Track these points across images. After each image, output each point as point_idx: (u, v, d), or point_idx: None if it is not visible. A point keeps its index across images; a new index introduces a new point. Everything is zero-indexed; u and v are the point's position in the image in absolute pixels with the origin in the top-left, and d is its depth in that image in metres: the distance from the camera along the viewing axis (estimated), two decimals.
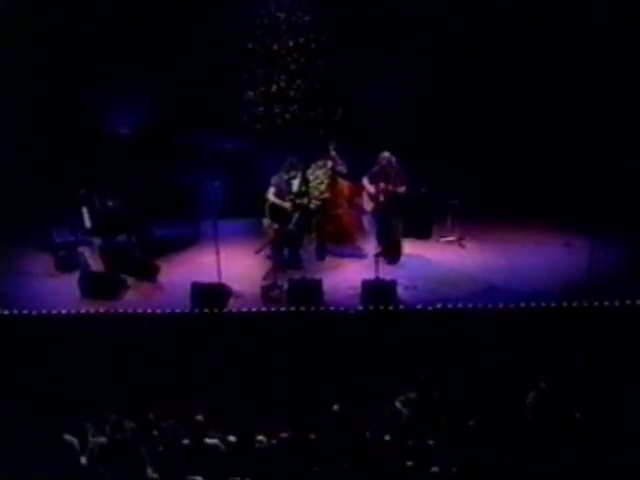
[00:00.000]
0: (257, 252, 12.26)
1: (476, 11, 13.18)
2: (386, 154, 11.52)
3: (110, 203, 12.43)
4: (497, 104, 13.30)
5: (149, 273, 11.67)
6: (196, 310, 10.66)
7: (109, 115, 13.67)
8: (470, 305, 10.41)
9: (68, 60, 13.30)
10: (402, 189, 11.52)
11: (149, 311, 10.62)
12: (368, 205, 11.89)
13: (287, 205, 11.46)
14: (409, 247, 12.24)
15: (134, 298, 11.20)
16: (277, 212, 11.45)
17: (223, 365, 10.09)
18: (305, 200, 11.75)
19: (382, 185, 11.52)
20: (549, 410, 8.34)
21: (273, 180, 11.48)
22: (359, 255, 12.23)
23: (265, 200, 11.52)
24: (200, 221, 12.91)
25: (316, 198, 12.04)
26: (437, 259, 12.15)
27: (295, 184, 11.72)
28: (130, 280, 11.54)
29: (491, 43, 13.21)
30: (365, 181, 11.77)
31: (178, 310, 10.64)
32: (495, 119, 13.31)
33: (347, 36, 13.40)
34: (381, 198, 11.62)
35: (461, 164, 12.89)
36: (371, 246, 12.01)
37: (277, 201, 11.42)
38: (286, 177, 11.58)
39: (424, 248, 12.53)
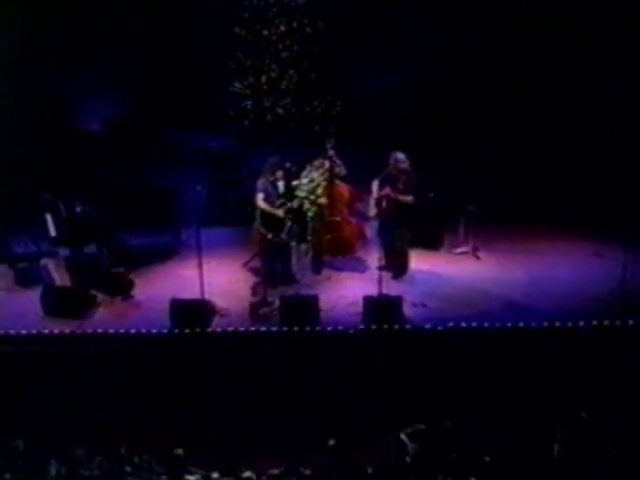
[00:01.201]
0: (245, 264, 12.25)
1: None
2: (399, 155, 11.40)
3: (78, 208, 12.36)
4: (519, 94, 13.36)
5: (122, 288, 11.64)
6: (176, 330, 10.64)
7: (77, 108, 13.71)
8: (486, 324, 10.40)
9: (29, 45, 13.30)
10: (408, 199, 11.43)
11: (122, 331, 10.59)
12: (372, 211, 11.86)
13: (279, 212, 11.45)
14: (417, 259, 12.23)
15: (105, 317, 11.17)
16: (269, 220, 11.43)
17: (206, 392, 10.04)
18: (295, 203, 11.71)
19: (387, 190, 11.45)
20: (580, 446, 8.26)
21: (259, 185, 11.47)
22: (360, 268, 12.24)
23: (255, 206, 11.50)
24: (181, 229, 12.95)
25: (312, 203, 12.03)
26: (448, 272, 12.16)
27: (282, 186, 11.73)
28: (100, 296, 11.52)
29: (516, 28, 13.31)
30: (374, 184, 11.68)
31: (155, 330, 10.62)
32: (514, 112, 13.36)
33: (346, 19, 13.44)
34: (383, 204, 11.58)
35: (476, 165, 12.92)
36: (374, 257, 11.91)
37: (268, 208, 11.40)
38: (271, 179, 11.55)
39: (434, 260, 12.55)
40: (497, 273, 12.07)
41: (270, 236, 11.37)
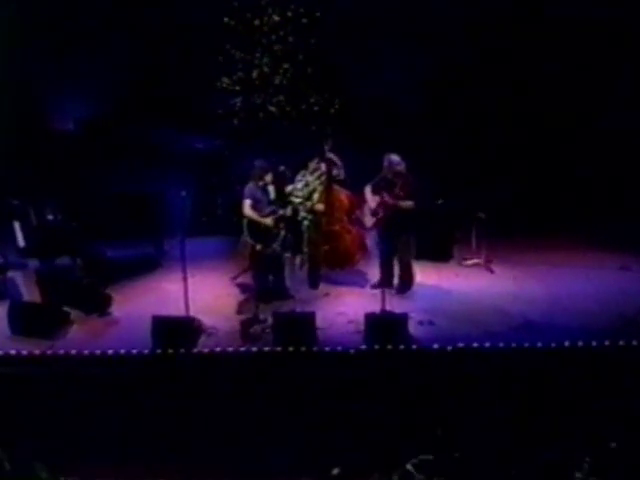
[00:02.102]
0: (234, 278, 12.23)
1: None
2: (394, 157, 11.43)
3: (49, 216, 12.38)
4: (536, 91, 13.41)
5: (98, 304, 11.59)
6: (158, 351, 10.57)
7: (49, 105, 13.66)
8: (501, 345, 10.32)
9: None
10: (407, 204, 11.41)
11: (98, 352, 10.49)
12: (369, 221, 11.88)
13: (268, 221, 11.42)
14: (424, 272, 12.26)
15: (79, 336, 11.09)
16: (258, 229, 11.42)
17: (192, 419, 9.91)
18: (288, 210, 11.69)
19: (384, 196, 11.45)
20: None
21: (247, 191, 11.45)
22: (361, 282, 12.27)
23: (241, 215, 11.51)
24: (163, 239, 13.00)
25: (307, 211, 12.04)
26: (458, 287, 12.19)
27: (272, 191, 11.72)
28: (74, 313, 11.43)
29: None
30: (367, 190, 11.73)
31: (136, 351, 10.54)
32: (530, 111, 13.38)
33: (346, 8, 13.46)
34: (380, 213, 11.58)
35: (488, 168, 12.91)
36: (376, 270, 12.04)
37: (255, 216, 11.38)
38: (261, 183, 11.52)
39: (442, 273, 12.61)
40: (512, 288, 12.07)
41: (259, 247, 11.35)
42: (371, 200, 11.68)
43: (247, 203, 11.37)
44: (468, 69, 13.72)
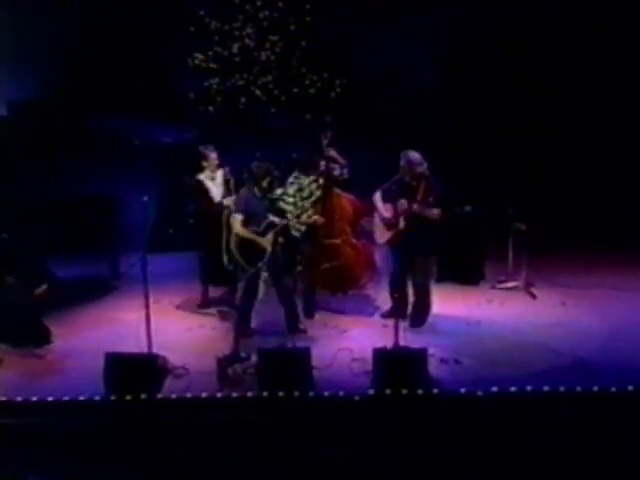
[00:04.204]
0: (201, 306, 12.51)
1: None
2: (413, 155, 11.38)
3: None
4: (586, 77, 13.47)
5: (36, 338, 11.57)
6: (112, 397, 10.48)
7: None
8: (546, 389, 10.22)
9: None
10: (434, 213, 11.40)
11: (35, 399, 10.40)
12: (381, 236, 11.85)
13: (266, 244, 11.38)
14: (448, 297, 12.38)
15: (11, 378, 11.00)
16: (250, 250, 11.35)
17: None
18: (283, 221, 11.69)
19: (403, 204, 11.37)
20: None
21: (238, 203, 11.45)
22: (369, 309, 12.38)
23: (229, 231, 11.49)
24: (119, 256, 13.08)
25: (301, 222, 12.08)
26: (491, 316, 12.21)
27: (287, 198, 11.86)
28: (3, 348, 11.45)
29: None
30: (377, 198, 11.74)
31: (83, 397, 10.44)
32: (580, 98, 13.47)
33: None
34: (401, 224, 11.48)
35: (528, 165, 12.91)
36: (387, 295, 12.03)
37: (248, 234, 11.36)
38: (258, 192, 11.46)
39: (471, 298, 12.72)
40: (560, 317, 12.09)
41: (260, 266, 11.38)
42: (383, 209, 11.67)
43: (237, 218, 11.38)
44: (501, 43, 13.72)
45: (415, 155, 11.37)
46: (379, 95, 13.67)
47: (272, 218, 11.47)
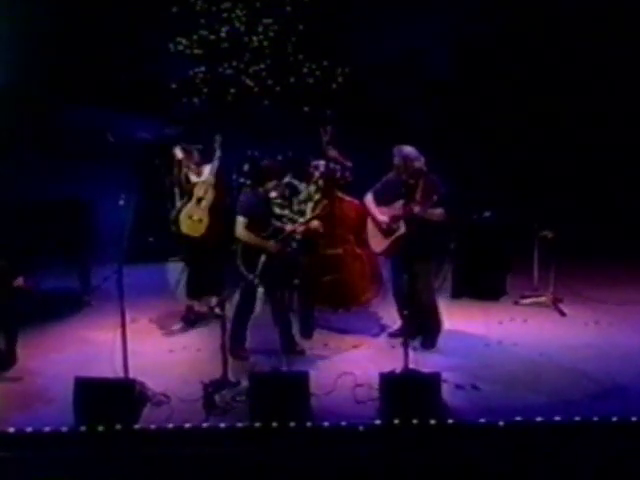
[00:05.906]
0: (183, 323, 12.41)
1: None
2: (407, 149, 11.43)
3: None
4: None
5: None
6: (82, 427, 10.44)
7: None
8: (577, 419, 10.19)
9: None
10: (437, 213, 11.41)
11: None
12: (378, 245, 11.87)
13: (270, 245, 11.38)
14: (464, 314, 12.46)
15: None
16: (251, 257, 11.36)
17: None
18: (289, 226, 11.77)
19: (399, 206, 11.39)
20: None
21: (242, 203, 11.47)
22: (374, 328, 12.40)
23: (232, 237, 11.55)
24: (91, 268, 13.06)
25: (297, 230, 11.96)
26: (514, 336, 12.18)
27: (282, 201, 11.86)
28: None
29: None
30: (369, 200, 11.81)
31: (49, 428, 10.38)
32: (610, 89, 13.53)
33: None
34: (402, 229, 11.51)
35: (555, 166, 12.92)
36: (396, 312, 12.02)
37: (253, 239, 11.36)
38: (273, 192, 11.58)
39: (491, 316, 12.68)
40: (592, 337, 12.10)
41: (252, 278, 11.35)
42: (378, 212, 11.70)
43: (241, 221, 11.41)
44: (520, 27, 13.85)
45: (411, 150, 11.41)
46: (386, 86, 13.68)
47: (279, 224, 11.56)
